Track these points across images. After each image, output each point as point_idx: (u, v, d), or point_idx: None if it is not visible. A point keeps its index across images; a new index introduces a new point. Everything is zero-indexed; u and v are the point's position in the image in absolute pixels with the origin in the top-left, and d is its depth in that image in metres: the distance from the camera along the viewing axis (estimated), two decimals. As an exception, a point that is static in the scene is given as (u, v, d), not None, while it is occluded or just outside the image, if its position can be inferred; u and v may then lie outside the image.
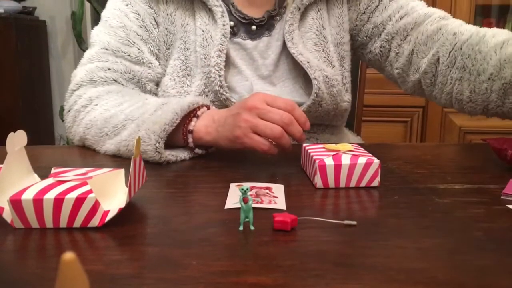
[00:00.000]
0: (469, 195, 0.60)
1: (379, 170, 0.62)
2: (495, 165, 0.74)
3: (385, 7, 0.95)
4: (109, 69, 0.87)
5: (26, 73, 2.62)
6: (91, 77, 0.87)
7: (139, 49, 0.89)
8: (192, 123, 0.75)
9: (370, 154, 0.64)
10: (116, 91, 0.85)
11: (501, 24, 1.95)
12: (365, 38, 0.98)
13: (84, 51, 2.44)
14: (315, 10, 0.92)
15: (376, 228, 0.50)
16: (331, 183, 0.62)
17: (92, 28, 0.94)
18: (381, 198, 0.59)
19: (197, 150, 0.77)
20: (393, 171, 0.71)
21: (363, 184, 0.62)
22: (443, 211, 0.55)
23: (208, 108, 0.79)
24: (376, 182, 0.62)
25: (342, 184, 0.62)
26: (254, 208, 0.49)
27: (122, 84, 0.88)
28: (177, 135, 0.75)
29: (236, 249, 0.44)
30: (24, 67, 2.59)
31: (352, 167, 0.61)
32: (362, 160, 0.62)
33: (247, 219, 0.48)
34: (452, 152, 0.90)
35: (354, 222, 0.49)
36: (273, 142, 0.69)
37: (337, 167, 0.61)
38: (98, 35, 0.91)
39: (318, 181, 0.62)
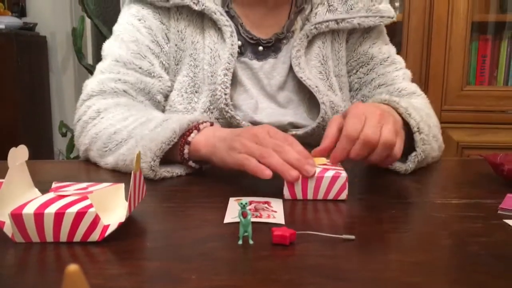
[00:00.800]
0: (466, 210, 0.61)
1: (347, 184, 0.63)
2: (492, 180, 0.74)
3: (373, 68, 0.98)
4: (119, 79, 0.88)
5: (26, 88, 2.63)
6: (101, 88, 0.87)
7: (150, 62, 0.91)
8: (192, 135, 0.75)
9: (342, 168, 0.65)
10: (124, 104, 0.85)
11: (497, 40, 1.97)
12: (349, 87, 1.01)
13: (84, 66, 2.46)
14: (322, 40, 0.94)
15: (374, 242, 0.50)
16: (299, 195, 0.63)
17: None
18: (378, 212, 0.60)
19: (191, 163, 0.77)
20: (391, 186, 0.71)
21: (330, 196, 0.63)
22: (440, 225, 0.55)
23: (212, 124, 0.79)
24: (343, 195, 0.63)
25: (310, 196, 0.63)
26: (253, 222, 0.49)
27: (132, 96, 0.89)
28: (175, 148, 0.75)
29: (235, 264, 0.45)
30: (24, 82, 2.61)
31: (319, 180, 0.63)
32: (329, 174, 0.63)
33: (246, 234, 0.48)
34: (449, 167, 0.90)
35: (352, 237, 0.50)
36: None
37: (304, 179, 0.62)
38: (109, 48, 0.92)
39: (285, 193, 0.63)
